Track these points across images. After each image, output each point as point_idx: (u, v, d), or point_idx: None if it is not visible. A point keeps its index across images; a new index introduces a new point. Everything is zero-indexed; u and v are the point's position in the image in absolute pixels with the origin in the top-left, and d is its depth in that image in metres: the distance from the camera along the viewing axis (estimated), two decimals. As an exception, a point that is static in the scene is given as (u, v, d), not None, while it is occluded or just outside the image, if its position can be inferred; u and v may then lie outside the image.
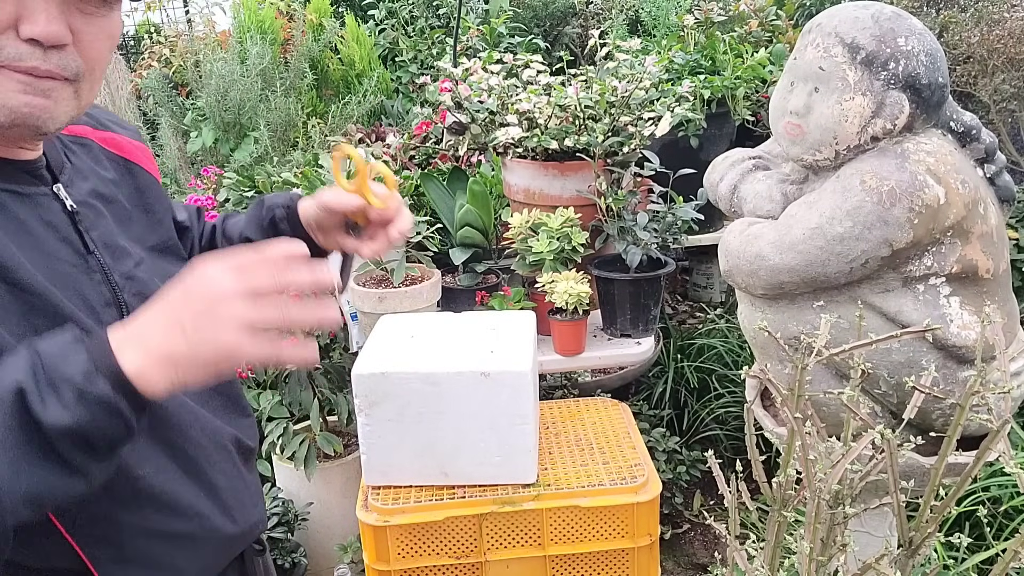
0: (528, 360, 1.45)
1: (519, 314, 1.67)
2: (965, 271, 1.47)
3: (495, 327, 1.58)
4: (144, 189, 1.01)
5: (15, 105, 0.74)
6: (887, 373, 1.50)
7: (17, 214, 0.81)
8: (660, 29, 3.29)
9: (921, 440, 0.94)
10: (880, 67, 1.44)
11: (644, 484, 1.56)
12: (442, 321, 1.63)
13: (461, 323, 1.61)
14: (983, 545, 1.79)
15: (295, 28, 3.39)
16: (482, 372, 1.40)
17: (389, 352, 1.49)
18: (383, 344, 1.53)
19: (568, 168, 2.06)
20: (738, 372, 2.63)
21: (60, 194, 0.86)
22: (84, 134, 0.97)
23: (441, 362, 1.43)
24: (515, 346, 1.50)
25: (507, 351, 1.48)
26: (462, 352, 1.47)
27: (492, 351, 1.47)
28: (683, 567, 2.36)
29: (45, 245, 0.82)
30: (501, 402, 1.42)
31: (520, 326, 1.59)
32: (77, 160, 0.93)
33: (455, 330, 1.57)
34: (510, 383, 1.42)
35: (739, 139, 2.57)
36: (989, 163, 1.56)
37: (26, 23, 0.72)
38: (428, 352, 1.48)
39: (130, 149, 1.01)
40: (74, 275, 0.83)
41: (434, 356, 1.46)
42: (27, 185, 0.83)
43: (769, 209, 1.61)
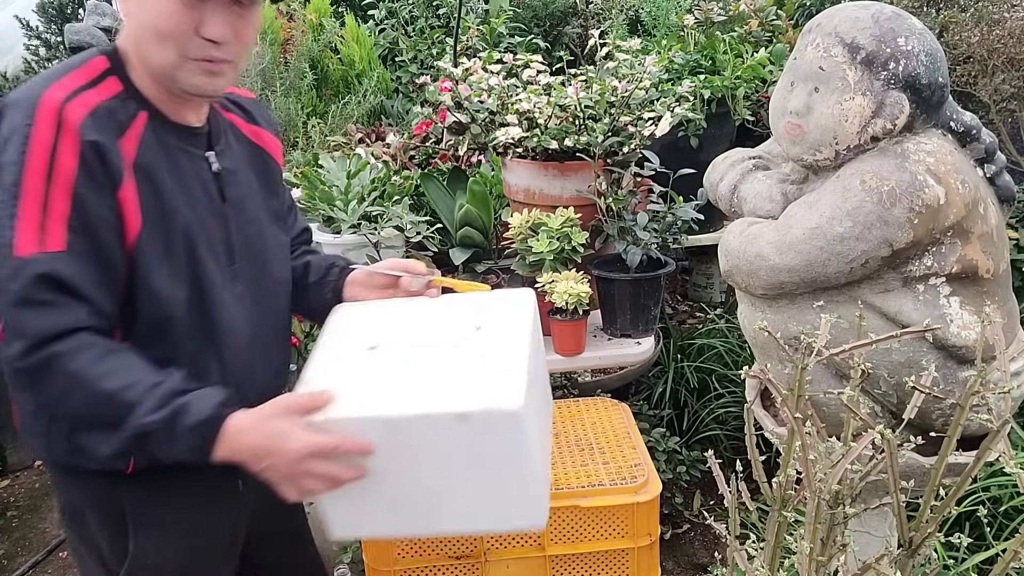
0: (522, 387, 1.02)
1: (512, 299, 1.24)
2: (965, 271, 1.47)
3: (481, 324, 1.17)
4: (270, 173, 1.32)
5: (200, 84, 1.10)
6: (887, 373, 1.50)
7: (184, 167, 1.14)
8: (660, 29, 3.28)
9: (921, 440, 0.94)
10: (880, 67, 1.44)
11: (644, 484, 1.56)
12: (412, 316, 1.24)
13: (437, 318, 1.22)
14: (983, 545, 1.79)
15: (295, 28, 3.39)
16: (458, 414, 0.99)
17: (338, 378, 1.09)
18: (333, 363, 1.13)
19: (568, 168, 2.06)
20: (738, 372, 2.63)
21: (210, 159, 1.19)
22: (239, 124, 1.29)
23: (405, 398, 1.04)
24: (506, 359, 1.08)
25: (495, 370, 1.06)
26: (434, 375, 1.07)
27: (474, 371, 1.06)
28: (683, 567, 2.36)
29: (195, 191, 1.15)
30: (490, 450, 1.02)
31: (515, 319, 1.18)
32: (228, 139, 1.24)
33: (428, 331, 1.19)
34: (498, 428, 1.01)
35: (739, 139, 2.57)
36: (989, 163, 1.56)
37: (206, 27, 1.06)
38: (389, 378, 1.08)
39: (269, 142, 1.33)
40: (206, 215, 1.16)
41: (397, 385, 1.06)
42: (193, 147, 1.17)
43: (769, 209, 1.61)
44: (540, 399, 1.16)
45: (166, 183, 1.10)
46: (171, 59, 1.07)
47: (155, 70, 1.09)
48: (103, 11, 3.91)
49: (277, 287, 1.29)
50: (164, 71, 1.08)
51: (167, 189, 1.10)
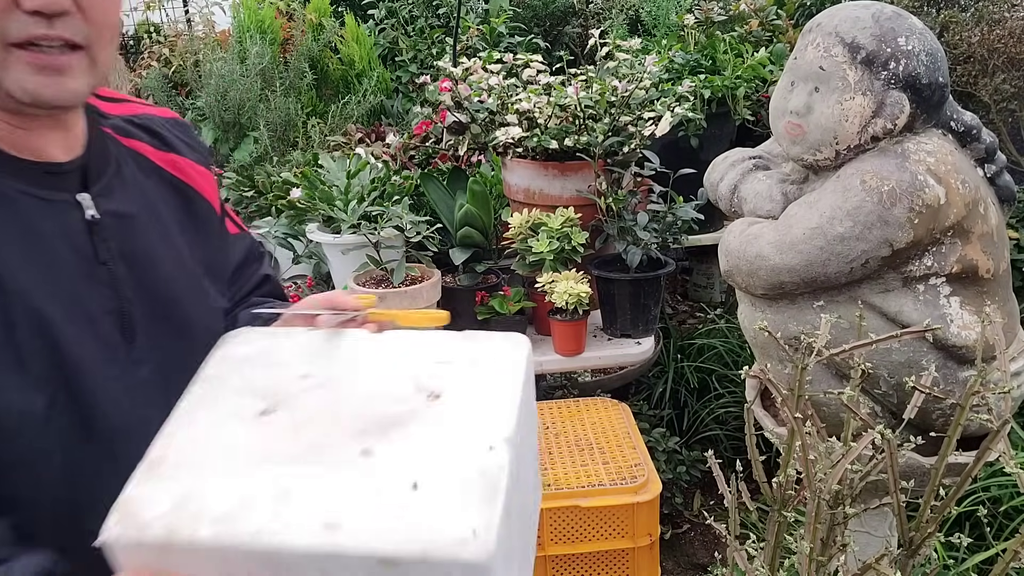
0: (494, 520, 0.61)
1: (497, 347, 0.81)
2: (965, 271, 1.46)
3: (441, 388, 0.73)
4: (196, 214, 0.99)
5: (32, 87, 0.76)
6: (887, 373, 1.50)
7: (29, 218, 0.81)
8: (660, 29, 3.28)
9: (921, 440, 0.94)
10: (880, 67, 1.44)
11: (644, 484, 1.56)
12: (339, 363, 0.78)
13: (375, 370, 0.77)
14: (983, 545, 1.79)
15: (295, 28, 3.39)
16: (382, 558, 0.60)
17: (200, 465, 0.67)
18: (197, 435, 0.70)
19: (568, 168, 2.06)
20: (738, 372, 2.63)
21: (83, 203, 0.85)
22: (144, 151, 0.96)
23: (298, 516, 0.62)
24: (473, 462, 0.66)
25: (453, 481, 0.64)
26: (352, 478, 0.65)
27: (419, 478, 0.64)
28: (683, 567, 2.36)
29: (49, 251, 0.82)
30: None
31: (495, 384, 0.74)
32: (128, 171, 0.92)
33: (356, 393, 0.74)
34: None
35: (739, 139, 2.57)
36: (989, 163, 1.56)
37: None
38: (280, 474, 0.65)
39: (191, 174, 0.99)
40: (74, 282, 0.83)
41: (289, 490, 0.64)
42: (47, 189, 0.83)
43: (769, 209, 1.61)
44: (522, 518, 0.73)
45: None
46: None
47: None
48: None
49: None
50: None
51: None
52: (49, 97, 0.77)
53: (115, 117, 0.93)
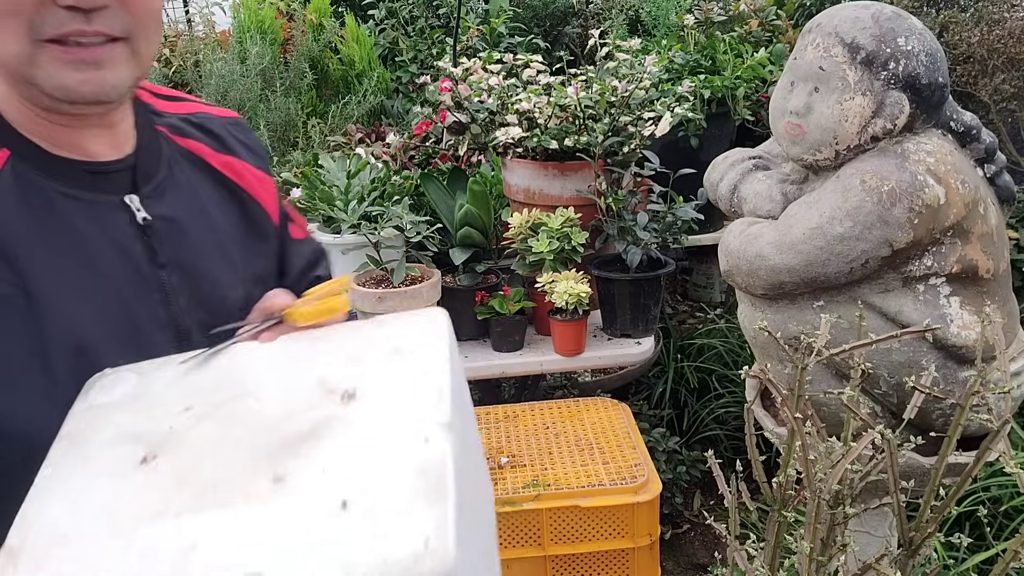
0: (450, 533, 0.50)
1: (413, 330, 0.68)
2: (965, 271, 1.46)
3: (355, 387, 0.62)
4: (251, 221, 0.91)
5: (71, 84, 0.69)
6: (887, 373, 1.50)
7: (71, 222, 0.74)
8: (660, 29, 3.28)
9: (921, 440, 0.94)
10: (880, 67, 1.44)
11: (644, 484, 1.56)
12: (221, 385, 0.66)
13: (269, 383, 0.65)
14: (983, 545, 1.79)
15: (295, 28, 3.39)
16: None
17: (73, 541, 0.54)
18: (64, 511, 0.56)
19: (568, 168, 2.06)
20: (738, 372, 2.63)
21: (132, 205, 0.78)
22: (200, 152, 0.88)
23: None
24: (409, 463, 0.55)
25: (387, 489, 0.54)
26: (268, 514, 0.54)
27: (346, 499, 0.53)
28: (683, 567, 2.36)
29: (94, 259, 0.74)
30: None
31: (416, 370, 0.63)
32: (181, 173, 0.85)
33: (252, 414, 0.62)
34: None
35: (739, 139, 2.57)
36: (989, 163, 1.56)
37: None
38: (173, 527, 0.54)
39: (249, 179, 0.91)
40: (124, 292, 0.76)
41: (189, 542, 0.52)
42: (91, 191, 0.76)
43: (769, 209, 1.61)
44: (478, 515, 0.63)
45: (32, 259, 0.70)
46: (17, 47, 0.68)
47: (5, 73, 0.71)
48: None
49: None
50: (14, 69, 0.69)
51: (32, 270, 0.70)
52: (87, 93, 0.70)
53: (171, 116, 0.87)
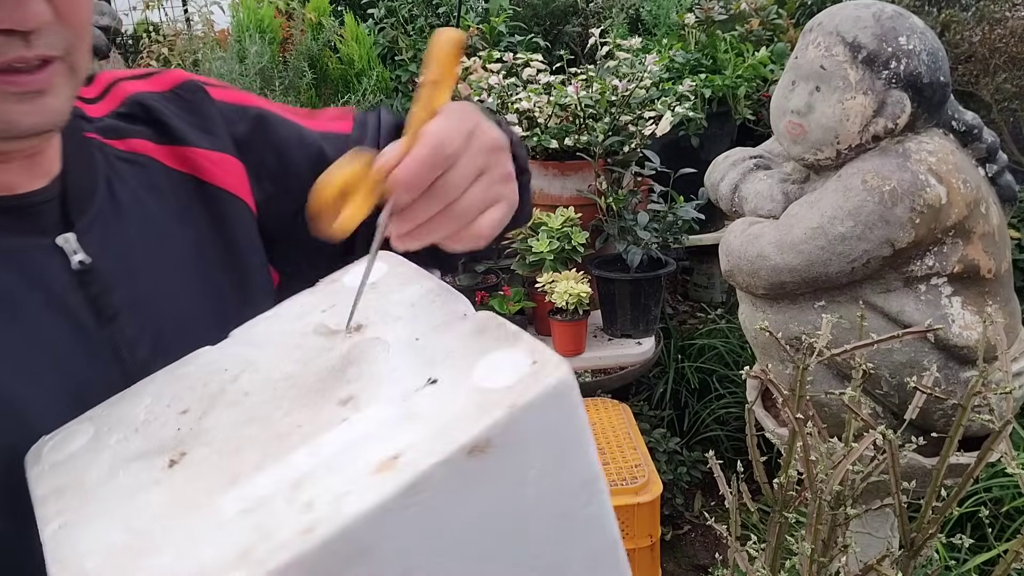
0: (546, 349, 0.50)
1: (378, 271, 0.63)
2: (967, 271, 1.46)
3: (356, 322, 0.59)
4: (222, 218, 0.73)
5: (15, 118, 0.59)
6: (889, 373, 1.49)
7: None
8: (661, 28, 3.28)
9: (923, 441, 0.93)
10: (881, 66, 1.44)
11: (645, 485, 1.56)
12: (207, 380, 0.61)
13: (259, 362, 0.60)
14: (985, 546, 1.78)
15: (294, 27, 3.39)
16: (465, 448, 0.46)
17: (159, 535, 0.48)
18: (106, 527, 0.50)
19: (568, 168, 2.06)
20: (739, 372, 2.63)
21: (67, 246, 0.64)
22: (145, 150, 0.72)
23: (343, 487, 0.46)
24: (458, 330, 0.55)
25: (462, 352, 0.53)
26: (358, 424, 0.50)
27: (429, 375, 0.52)
28: (684, 568, 2.35)
29: (24, 318, 0.62)
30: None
31: (414, 280, 0.62)
32: (123, 188, 0.69)
33: (261, 384, 0.58)
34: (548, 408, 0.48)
35: (740, 138, 2.57)
36: (991, 163, 1.55)
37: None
38: (265, 478, 0.49)
39: (210, 168, 0.74)
40: (64, 357, 0.63)
41: (292, 479, 0.47)
42: (8, 234, 0.63)
43: (770, 209, 1.61)
44: None
45: None
46: None
47: None
48: (102, 10, 3.91)
49: None
50: None
51: None
52: (31, 125, 0.60)
53: (103, 119, 0.72)
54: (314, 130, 0.79)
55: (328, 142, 0.78)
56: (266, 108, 0.78)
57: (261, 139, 0.76)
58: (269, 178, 0.76)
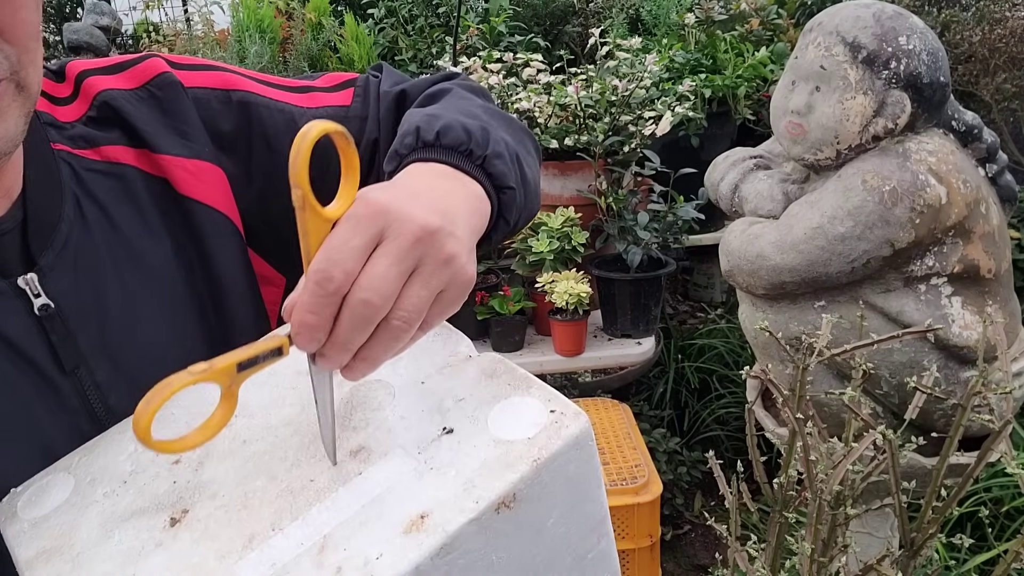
0: (562, 398, 0.53)
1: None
2: (967, 271, 1.46)
3: (368, 379, 0.56)
4: (200, 233, 0.67)
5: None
6: (889, 373, 1.49)
7: None
8: (661, 28, 3.28)
9: (923, 441, 0.93)
10: (881, 66, 1.44)
11: (645, 485, 1.56)
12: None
13: (252, 405, 0.58)
14: (985, 546, 1.78)
15: (294, 27, 3.39)
16: (496, 503, 0.47)
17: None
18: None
19: (568, 168, 2.06)
20: (739, 372, 2.63)
21: (29, 288, 0.58)
22: (118, 157, 0.65)
23: (374, 545, 0.46)
24: (467, 371, 0.56)
25: (475, 399, 0.53)
26: (382, 472, 0.50)
27: (444, 425, 0.52)
28: (684, 568, 2.35)
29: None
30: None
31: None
32: (91, 206, 0.63)
33: (263, 435, 0.55)
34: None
35: (740, 138, 2.57)
36: (991, 163, 1.55)
37: None
38: (283, 540, 0.48)
39: (185, 179, 0.66)
40: (26, 409, 0.58)
41: (314, 537, 0.47)
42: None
43: (770, 209, 1.61)
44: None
45: None
46: None
47: None
48: (102, 10, 3.91)
49: None
50: None
51: None
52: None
53: (76, 124, 0.65)
54: (308, 109, 0.73)
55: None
56: (252, 91, 0.71)
57: (249, 131, 0.70)
58: (260, 172, 0.71)
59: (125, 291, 0.63)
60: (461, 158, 0.57)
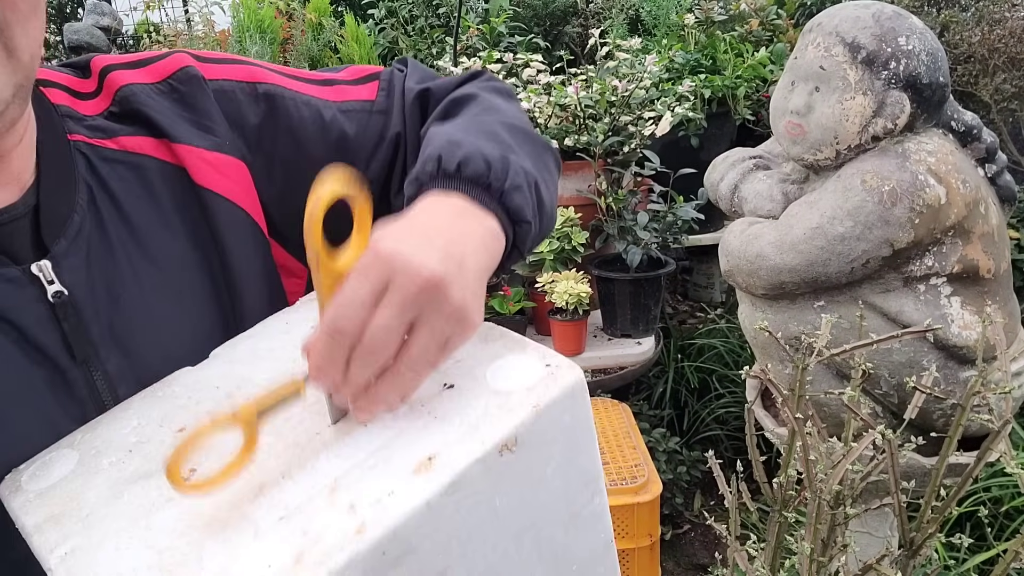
0: (557, 355, 0.54)
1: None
2: (966, 271, 1.46)
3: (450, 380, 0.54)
4: (216, 224, 0.66)
5: None
6: (888, 373, 1.49)
7: None
8: (660, 28, 3.28)
9: (922, 440, 0.93)
10: (881, 66, 1.44)
11: (644, 484, 1.56)
12: (206, 395, 0.60)
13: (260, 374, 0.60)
14: (984, 546, 1.78)
15: (294, 27, 3.39)
16: (499, 446, 0.48)
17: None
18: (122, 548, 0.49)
19: (568, 168, 2.06)
20: (739, 372, 2.63)
21: (43, 274, 0.57)
22: (137, 147, 0.64)
23: (384, 488, 0.47)
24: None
25: (474, 358, 0.56)
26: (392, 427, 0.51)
27: (444, 381, 0.54)
28: (683, 568, 2.35)
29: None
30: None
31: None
32: (105, 197, 0.62)
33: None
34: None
35: (740, 139, 2.57)
36: (990, 163, 1.55)
37: None
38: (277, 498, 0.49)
39: (204, 169, 0.65)
40: (35, 399, 0.57)
41: (328, 484, 0.48)
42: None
43: (770, 209, 1.61)
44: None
45: None
46: None
47: None
48: (102, 10, 3.92)
49: None
50: None
51: None
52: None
53: (97, 116, 0.65)
54: (333, 103, 0.72)
55: (350, 119, 0.72)
56: (278, 83, 0.70)
57: (274, 124, 0.69)
58: (284, 164, 0.70)
59: (138, 282, 0.62)
60: (481, 191, 0.57)
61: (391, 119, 0.73)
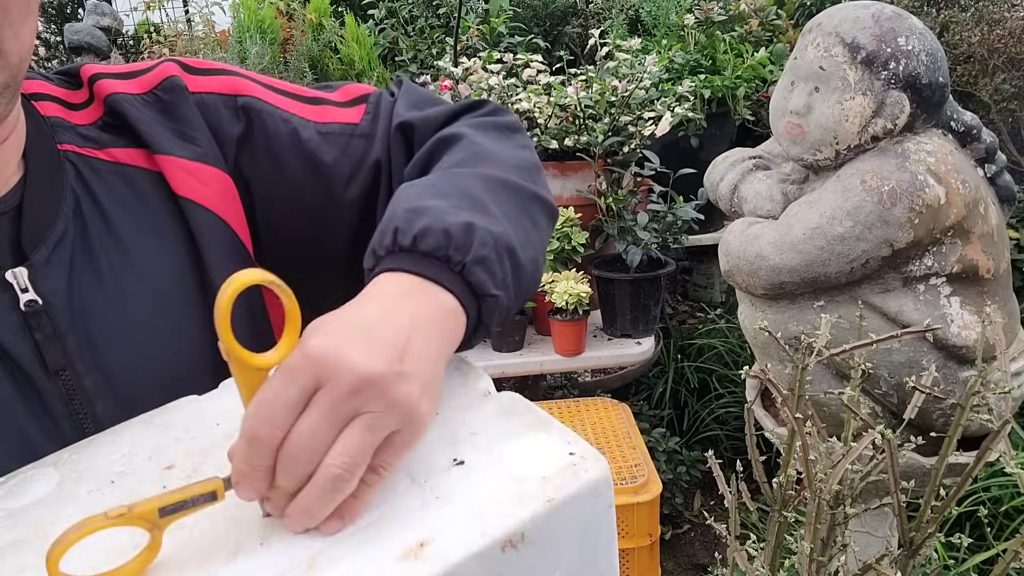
0: (582, 441, 0.52)
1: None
2: (966, 271, 1.46)
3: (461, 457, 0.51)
4: (195, 234, 0.65)
5: None
6: (888, 373, 1.50)
7: None
8: (660, 28, 3.28)
9: (922, 440, 0.94)
10: (880, 67, 1.44)
11: (644, 484, 1.56)
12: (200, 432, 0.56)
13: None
14: (984, 545, 1.79)
15: (295, 28, 3.39)
16: (501, 542, 0.44)
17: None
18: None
19: (568, 168, 2.06)
20: (738, 372, 2.63)
21: (16, 282, 0.56)
22: (126, 158, 0.65)
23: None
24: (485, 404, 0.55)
25: (488, 436, 0.51)
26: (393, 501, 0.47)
27: (455, 456, 0.50)
28: (683, 567, 2.35)
29: None
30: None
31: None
32: (91, 206, 0.62)
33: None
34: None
35: (739, 139, 2.57)
36: (990, 163, 1.55)
37: None
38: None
39: (184, 179, 0.65)
40: (5, 412, 0.56)
41: (305, 561, 0.44)
42: None
43: (769, 209, 1.61)
44: None
45: None
46: None
47: None
48: (103, 11, 3.91)
49: None
50: None
51: None
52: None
53: (90, 126, 0.65)
54: (315, 123, 0.71)
55: (329, 141, 0.70)
56: (259, 97, 0.70)
57: (251, 137, 0.69)
58: (261, 178, 0.70)
59: (120, 295, 0.61)
60: (438, 266, 0.53)
61: (373, 144, 0.71)
